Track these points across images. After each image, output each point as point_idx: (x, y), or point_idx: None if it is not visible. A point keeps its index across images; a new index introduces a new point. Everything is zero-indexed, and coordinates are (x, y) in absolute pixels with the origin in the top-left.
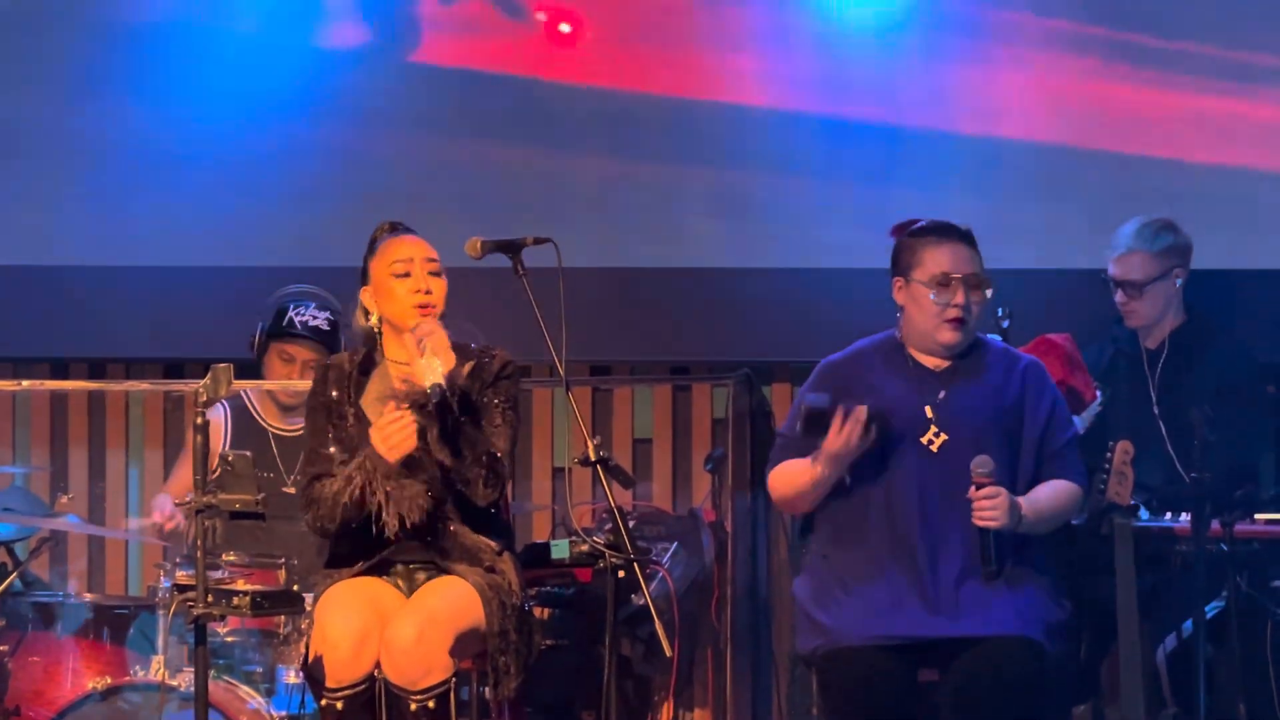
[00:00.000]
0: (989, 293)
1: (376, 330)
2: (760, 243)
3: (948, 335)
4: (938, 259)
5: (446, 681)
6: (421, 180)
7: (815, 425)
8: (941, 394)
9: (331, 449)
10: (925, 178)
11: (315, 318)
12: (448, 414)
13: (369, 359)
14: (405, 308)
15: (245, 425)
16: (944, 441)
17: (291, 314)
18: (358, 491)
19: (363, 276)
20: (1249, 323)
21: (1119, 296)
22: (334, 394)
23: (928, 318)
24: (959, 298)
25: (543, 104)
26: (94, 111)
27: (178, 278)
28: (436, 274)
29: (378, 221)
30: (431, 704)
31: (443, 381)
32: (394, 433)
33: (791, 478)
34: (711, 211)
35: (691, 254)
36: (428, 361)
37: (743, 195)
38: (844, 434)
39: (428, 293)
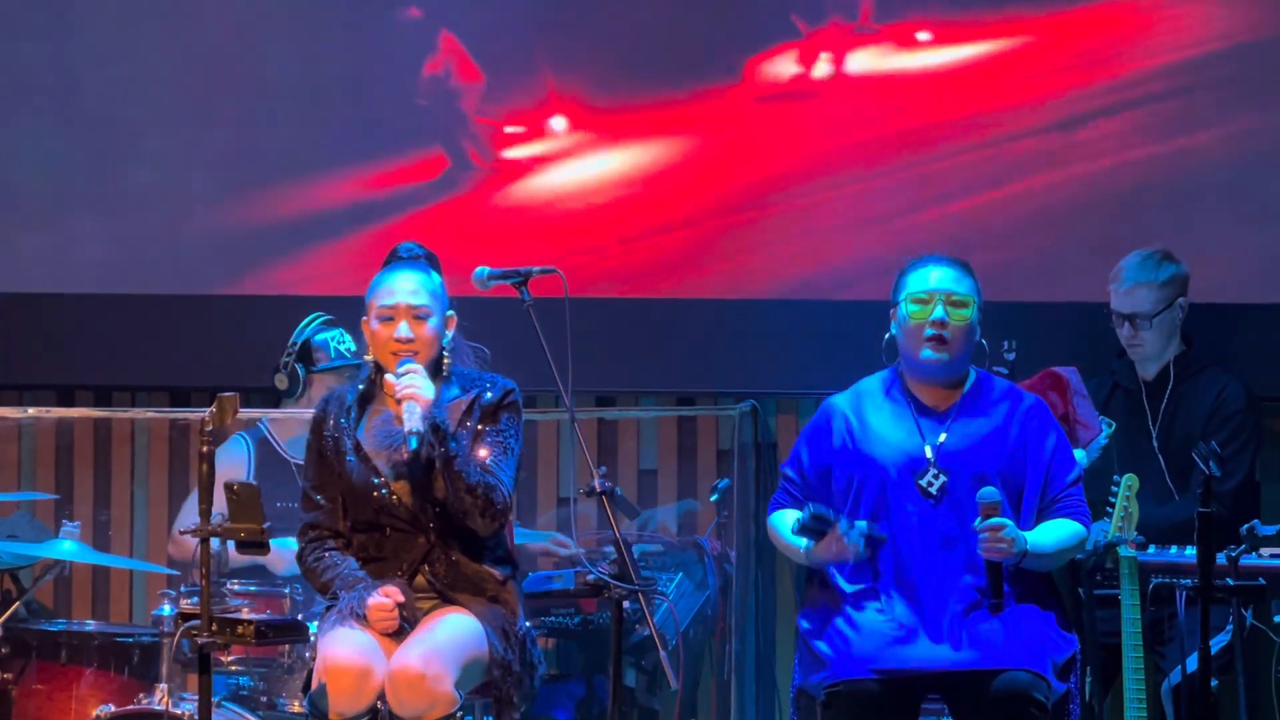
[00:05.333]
0: (972, 316)
1: (374, 361)
2: (767, 274)
3: (929, 355)
4: (919, 279)
5: (451, 716)
6: (430, 212)
7: (813, 529)
8: (942, 436)
9: (322, 498)
10: (934, 213)
11: (348, 343)
12: (435, 451)
13: (368, 392)
14: (384, 354)
15: (268, 458)
16: (943, 483)
17: (334, 345)
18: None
19: (366, 307)
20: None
21: (1126, 330)
22: (333, 425)
23: (909, 337)
24: (936, 314)
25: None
26: (100, 139)
27: (185, 306)
28: (424, 317)
29: (386, 251)
30: None
31: (420, 427)
32: (379, 619)
33: (785, 544)
34: (720, 243)
35: (698, 285)
36: (406, 408)
37: (752, 228)
38: (835, 551)
39: (408, 340)
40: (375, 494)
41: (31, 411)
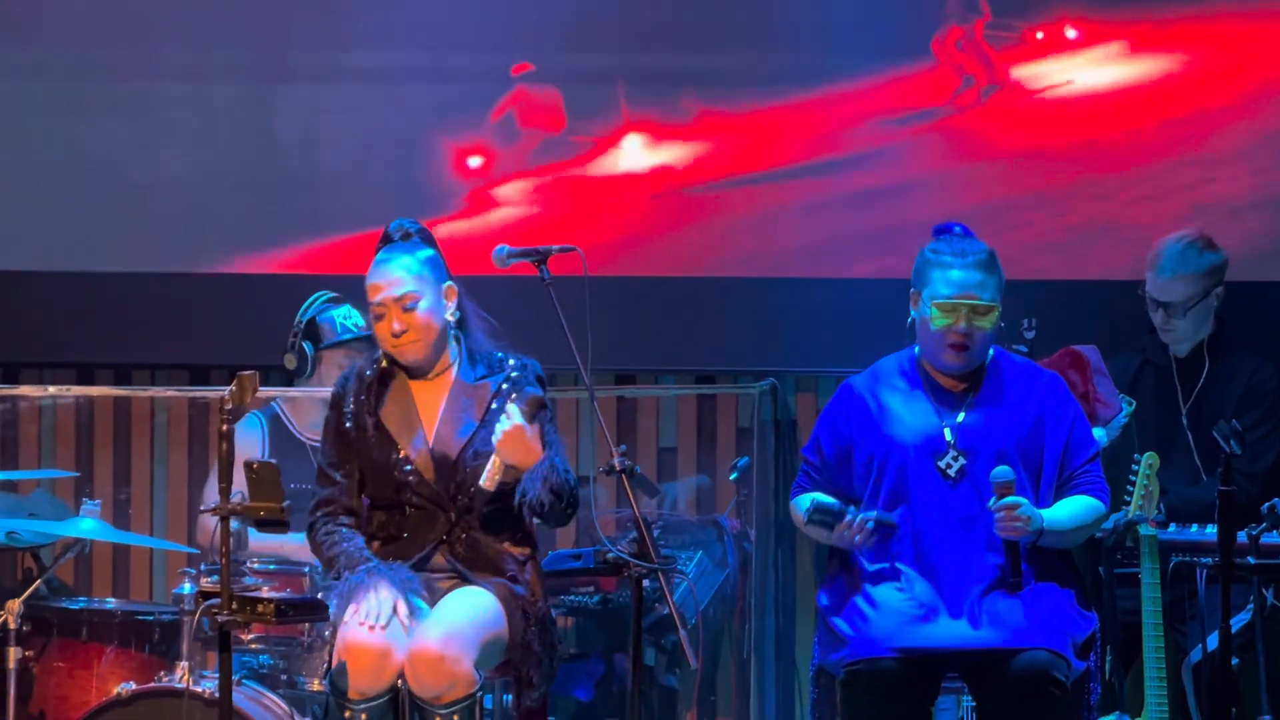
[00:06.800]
0: (996, 318)
1: None
2: (787, 252)
3: (948, 359)
4: (944, 281)
5: (471, 696)
6: (439, 192)
7: (822, 519)
8: (961, 416)
9: (339, 475)
10: (952, 193)
11: (355, 318)
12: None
13: (390, 370)
14: (385, 347)
15: (282, 439)
16: (962, 465)
17: (340, 321)
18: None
19: None
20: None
21: (1160, 317)
22: (353, 405)
23: (929, 339)
24: (959, 324)
25: None
26: (119, 118)
27: (204, 284)
28: (412, 306)
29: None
30: (456, 718)
31: (490, 489)
32: (372, 612)
33: (806, 526)
34: (739, 221)
35: (718, 263)
36: (492, 464)
37: (770, 206)
38: (846, 539)
39: (402, 333)
40: (396, 471)
41: (52, 390)
